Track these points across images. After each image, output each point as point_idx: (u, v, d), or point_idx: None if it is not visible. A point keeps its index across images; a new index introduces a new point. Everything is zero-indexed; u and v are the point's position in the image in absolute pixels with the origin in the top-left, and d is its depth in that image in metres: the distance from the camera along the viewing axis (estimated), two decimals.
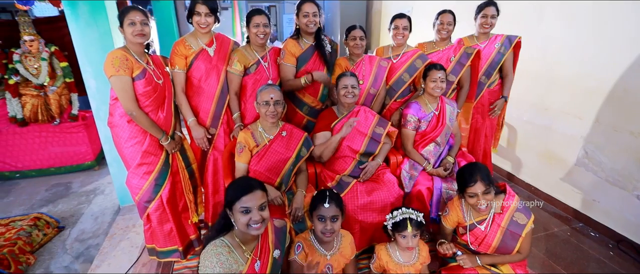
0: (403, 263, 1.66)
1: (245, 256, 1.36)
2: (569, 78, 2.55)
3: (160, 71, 2.00)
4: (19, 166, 3.38)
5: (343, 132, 2.06)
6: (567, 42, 2.55)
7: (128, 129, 1.91)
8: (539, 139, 2.82)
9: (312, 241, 1.57)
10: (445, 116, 2.24)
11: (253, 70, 2.16)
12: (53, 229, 2.60)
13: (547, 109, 2.74)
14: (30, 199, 3.07)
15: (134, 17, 1.79)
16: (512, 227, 1.59)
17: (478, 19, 2.46)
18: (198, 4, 1.97)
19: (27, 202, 3.03)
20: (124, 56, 1.78)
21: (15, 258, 2.21)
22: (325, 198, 1.50)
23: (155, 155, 1.98)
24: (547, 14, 2.68)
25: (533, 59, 2.77)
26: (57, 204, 2.99)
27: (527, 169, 2.99)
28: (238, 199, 1.31)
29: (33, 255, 2.34)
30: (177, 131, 2.14)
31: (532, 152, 2.91)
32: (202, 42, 2.09)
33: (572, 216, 2.61)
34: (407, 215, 1.58)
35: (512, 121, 3.05)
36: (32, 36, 3.17)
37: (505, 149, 3.16)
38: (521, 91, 2.92)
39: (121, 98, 1.79)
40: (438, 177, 2.15)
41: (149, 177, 1.98)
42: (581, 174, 2.51)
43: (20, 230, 2.39)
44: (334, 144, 2.06)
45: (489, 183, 1.55)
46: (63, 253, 2.41)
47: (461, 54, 2.43)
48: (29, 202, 3.02)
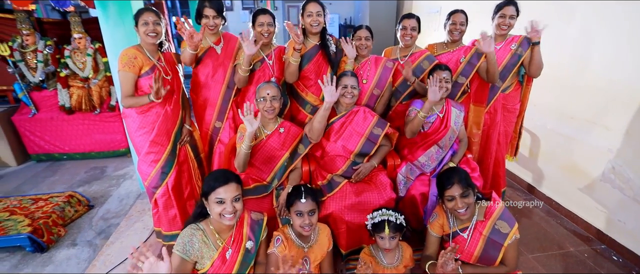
0: (386, 265, 1.65)
1: (218, 244, 1.45)
2: (598, 85, 2.32)
3: (170, 68, 2.16)
4: (66, 149, 3.81)
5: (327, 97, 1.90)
6: (599, 46, 2.32)
7: (138, 120, 2.09)
8: (562, 149, 2.60)
9: (291, 235, 1.61)
10: (449, 119, 2.16)
11: (257, 67, 2.25)
12: (83, 207, 2.91)
13: (572, 118, 2.51)
14: (71, 179, 3.46)
15: (147, 18, 1.97)
16: (494, 236, 1.51)
17: (495, 19, 2.32)
18: (205, 7, 2.10)
19: (68, 182, 3.41)
20: (133, 55, 1.96)
21: (49, 229, 2.52)
22: (302, 194, 1.54)
23: (162, 145, 2.15)
24: (578, 14, 2.46)
25: (560, 64, 2.56)
26: (92, 185, 3.34)
27: (548, 181, 2.77)
28: (213, 190, 1.39)
29: (64, 228, 2.65)
30: (185, 124, 2.30)
31: (554, 163, 2.69)
32: (210, 40, 2.22)
33: (594, 236, 2.38)
34: (385, 217, 1.57)
35: (535, 128, 2.84)
36: (80, 34, 3.55)
37: (527, 158, 2.95)
38: (546, 97, 2.71)
39: (121, 88, 1.98)
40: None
41: (155, 165, 2.15)
42: (607, 191, 2.28)
43: (56, 205, 2.71)
44: (320, 114, 1.97)
45: (467, 186, 1.49)
46: (89, 229, 2.69)
47: (472, 54, 2.32)
48: (69, 182, 3.41)
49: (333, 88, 1.88)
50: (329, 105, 1.91)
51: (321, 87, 2.26)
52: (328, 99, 1.89)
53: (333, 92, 1.89)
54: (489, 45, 2.12)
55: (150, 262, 1.15)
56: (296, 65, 2.14)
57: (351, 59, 2.23)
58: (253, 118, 1.77)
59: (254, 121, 1.77)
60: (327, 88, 1.87)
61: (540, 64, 2.27)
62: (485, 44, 2.11)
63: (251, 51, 1.99)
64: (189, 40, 1.97)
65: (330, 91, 1.88)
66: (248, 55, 2.01)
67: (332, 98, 1.89)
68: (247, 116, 1.76)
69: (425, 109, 2.00)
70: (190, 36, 1.96)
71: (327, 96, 1.88)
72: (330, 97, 1.88)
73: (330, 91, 1.88)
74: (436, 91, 1.96)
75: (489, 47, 2.12)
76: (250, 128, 1.77)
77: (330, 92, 1.88)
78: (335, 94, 1.90)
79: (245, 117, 1.76)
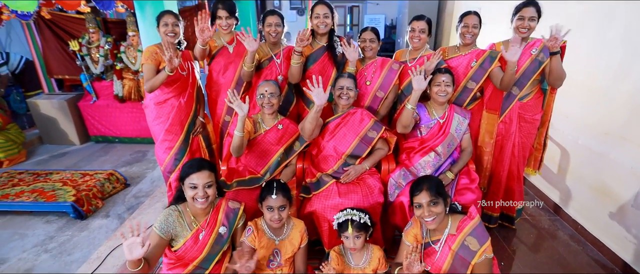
0: (353, 266, 1.66)
1: (193, 226, 1.59)
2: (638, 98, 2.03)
3: (187, 64, 2.37)
4: (118, 134, 4.35)
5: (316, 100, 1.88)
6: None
7: (155, 111, 2.35)
8: (593, 168, 2.31)
9: (263, 226, 1.69)
10: (450, 125, 2.07)
11: (265, 65, 2.37)
12: (121, 185, 3.31)
13: (606, 133, 2.22)
14: (118, 160, 3.94)
15: (167, 20, 2.20)
16: (462, 252, 1.42)
17: (514, 21, 2.15)
18: (219, 9, 2.27)
19: (115, 162, 3.90)
20: (154, 51, 2.21)
21: (89, 201, 2.92)
22: (273, 190, 1.61)
23: (175, 134, 2.39)
24: (620, 16, 2.16)
25: (596, 72, 2.28)
26: (132, 166, 3.77)
27: (575, 202, 2.48)
28: (188, 175, 1.53)
29: (102, 201, 3.05)
30: (199, 116, 2.51)
31: (583, 183, 2.40)
32: (224, 40, 2.39)
33: (620, 269, 2.08)
34: (349, 216, 1.57)
35: (566, 142, 2.56)
36: (134, 32, 4.01)
37: (555, 175, 2.66)
38: (579, 108, 2.43)
39: (144, 77, 2.22)
40: None
41: (170, 152, 2.40)
42: (639, 219, 1.98)
43: (97, 181, 3.13)
44: (311, 115, 1.96)
45: (436, 195, 1.43)
46: (121, 204, 3.06)
47: (485, 57, 2.18)
48: (116, 162, 3.89)
49: (321, 90, 1.86)
50: (318, 107, 1.90)
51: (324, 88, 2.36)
52: (316, 102, 1.88)
53: (321, 95, 1.86)
54: (514, 54, 1.95)
55: (131, 240, 1.31)
56: (296, 67, 2.21)
57: (352, 61, 2.23)
58: (242, 102, 1.87)
59: (243, 105, 1.86)
60: (315, 91, 1.86)
61: (561, 74, 2.05)
62: (510, 52, 1.95)
63: (252, 47, 2.10)
64: (199, 34, 2.14)
65: (317, 93, 1.86)
66: (250, 51, 2.12)
67: (320, 101, 1.87)
68: (235, 102, 1.86)
69: (412, 100, 1.94)
70: (201, 30, 2.13)
71: (315, 99, 1.88)
72: (318, 100, 1.87)
73: (317, 94, 1.86)
74: (421, 79, 1.89)
75: (513, 57, 1.96)
76: (241, 112, 1.86)
77: (318, 94, 1.86)
78: (323, 96, 1.87)
79: (233, 103, 1.86)
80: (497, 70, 2.17)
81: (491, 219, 2.46)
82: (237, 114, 2.44)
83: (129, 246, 1.32)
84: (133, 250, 1.30)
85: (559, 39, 1.94)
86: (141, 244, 1.32)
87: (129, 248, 1.31)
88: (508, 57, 1.97)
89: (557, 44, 1.96)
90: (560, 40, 1.95)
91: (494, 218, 2.45)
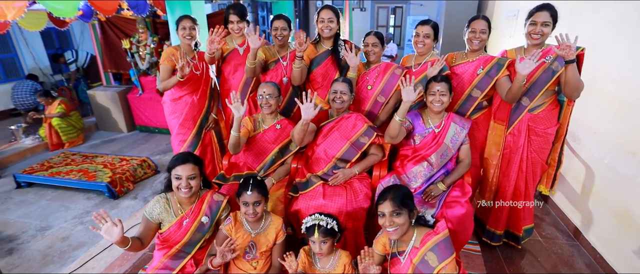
0: (319, 268, 1.69)
1: (178, 212, 1.74)
2: None
3: (201, 64, 2.57)
4: (158, 125, 4.80)
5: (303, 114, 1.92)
6: None
7: (171, 107, 2.59)
8: (617, 191, 2.06)
9: (242, 219, 1.79)
10: (445, 134, 1.99)
11: (271, 67, 2.48)
12: (151, 171, 3.67)
13: (634, 154, 1.96)
14: (155, 148, 4.36)
15: (185, 24, 2.41)
16: (422, 267, 1.38)
17: (526, 26, 2.00)
18: (230, 14, 2.43)
19: (152, 150, 4.31)
20: (171, 52, 2.43)
21: (122, 183, 3.29)
22: (248, 186, 1.70)
23: (188, 128, 2.61)
24: None
25: (629, 84, 2.03)
26: (166, 155, 4.14)
27: (596, 228, 2.22)
28: (174, 167, 1.69)
29: (133, 184, 3.41)
30: (212, 113, 2.70)
31: (606, 207, 2.14)
32: (235, 42, 2.55)
33: None
34: (316, 221, 1.60)
35: (592, 161, 2.30)
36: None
37: (578, 196, 2.40)
38: (608, 123, 2.18)
39: (160, 76, 2.45)
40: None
41: (183, 144, 2.63)
42: None
43: (131, 166, 3.51)
44: (299, 127, 2.00)
45: (401, 205, 1.40)
46: (149, 188, 3.40)
47: (492, 65, 2.06)
48: (153, 150, 4.30)
49: (311, 106, 1.90)
50: (305, 121, 1.94)
51: (326, 91, 2.40)
52: (304, 116, 1.91)
53: (310, 110, 1.90)
54: (526, 68, 1.80)
55: (107, 225, 1.49)
56: (297, 71, 2.28)
57: (353, 67, 2.24)
58: (240, 105, 2.00)
59: (241, 107, 2.00)
60: (304, 105, 1.90)
61: (578, 84, 1.86)
62: (523, 65, 1.81)
63: (255, 45, 2.20)
64: (208, 45, 2.31)
65: (306, 108, 1.90)
66: (253, 48, 2.23)
67: (307, 116, 1.90)
68: (234, 104, 1.99)
69: (400, 112, 1.89)
70: (211, 42, 2.29)
71: (303, 113, 1.91)
72: (305, 114, 1.91)
73: (305, 108, 1.90)
74: (410, 91, 1.84)
75: (524, 70, 1.81)
76: (237, 113, 2.00)
77: (306, 109, 1.90)
78: (312, 112, 1.90)
79: (233, 104, 1.99)
80: (505, 79, 2.03)
81: (494, 237, 2.31)
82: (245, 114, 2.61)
83: (106, 232, 1.48)
84: (111, 233, 1.48)
85: (572, 46, 1.77)
86: (115, 225, 1.49)
87: (107, 233, 1.48)
88: (519, 68, 1.83)
89: (572, 51, 1.78)
90: (574, 47, 1.77)
91: (497, 236, 2.30)
